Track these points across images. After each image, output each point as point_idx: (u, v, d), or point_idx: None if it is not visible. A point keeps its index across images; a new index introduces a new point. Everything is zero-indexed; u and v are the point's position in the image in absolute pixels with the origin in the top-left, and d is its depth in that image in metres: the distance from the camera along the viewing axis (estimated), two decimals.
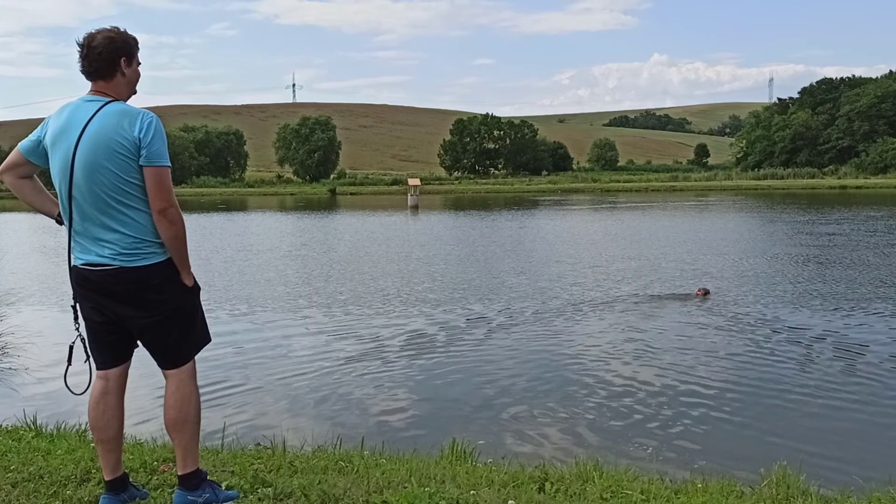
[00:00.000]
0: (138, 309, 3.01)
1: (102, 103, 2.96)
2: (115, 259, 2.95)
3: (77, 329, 3.11)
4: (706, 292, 12.52)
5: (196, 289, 3.17)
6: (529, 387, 7.12)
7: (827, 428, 5.94)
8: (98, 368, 3.14)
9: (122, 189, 2.92)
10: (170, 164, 2.99)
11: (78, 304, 3.11)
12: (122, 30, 3.07)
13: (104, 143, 2.89)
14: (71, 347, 3.10)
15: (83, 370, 3.11)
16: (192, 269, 3.16)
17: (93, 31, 3.02)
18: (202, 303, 3.26)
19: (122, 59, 3.02)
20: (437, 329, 9.90)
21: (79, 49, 3.00)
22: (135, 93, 3.15)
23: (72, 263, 3.07)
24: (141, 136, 2.90)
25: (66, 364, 3.12)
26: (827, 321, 9.97)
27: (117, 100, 3.01)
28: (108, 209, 2.93)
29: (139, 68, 3.13)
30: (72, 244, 3.04)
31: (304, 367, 7.97)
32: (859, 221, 27.30)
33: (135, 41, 3.10)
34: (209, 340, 3.27)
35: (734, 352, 8.39)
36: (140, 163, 2.92)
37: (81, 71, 3.02)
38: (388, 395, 6.95)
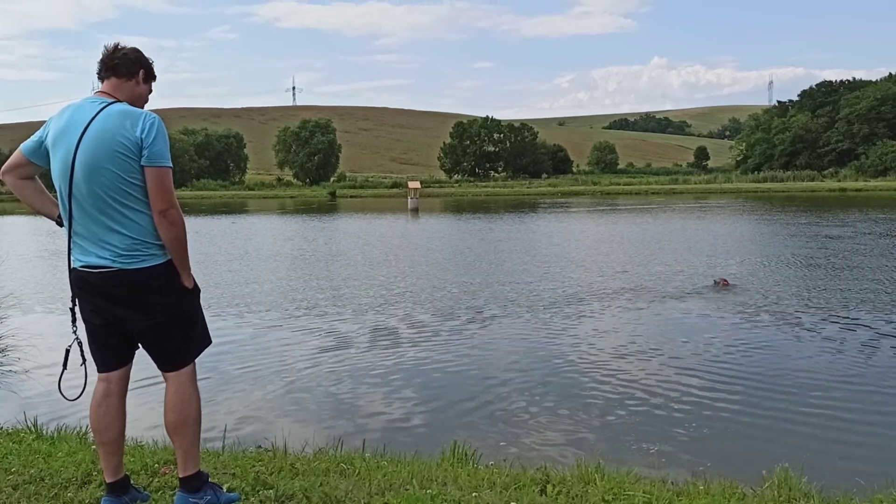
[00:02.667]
0: (138, 311, 3.00)
1: (105, 104, 2.97)
2: (114, 261, 2.94)
3: (74, 332, 3.09)
4: (726, 282, 12.99)
5: (196, 291, 3.16)
6: (532, 388, 7.11)
7: (829, 429, 5.93)
8: (99, 371, 3.13)
9: (123, 190, 2.92)
10: (171, 165, 3.00)
11: (77, 307, 3.10)
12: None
13: (106, 143, 2.89)
14: (67, 351, 3.10)
15: (80, 375, 3.10)
16: (194, 271, 3.15)
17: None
18: (202, 305, 3.26)
19: (142, 71, 3.12)
20: (439, 331, 9.89)
21: (104, 50, 3.07)
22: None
23: (71, 265, 3.06)
24: (143, 136, 2.90)
25: (62, 368, 3.11)
26: (831, 323, 9.96)
27: (119, 101, 3.02)
28: (109, 210, 2.92)
29: (150, 96, 3.21)
30: (71, 246, 3.03)
31: (305, 370, 7.97)
32: (870, 224, 27.22)
33: (153, 66, 3.20)
34: (210, 342, 3.27)
35: (736, 352, 8.37)
36: (141, 163, 2.92)
37: (99, 71, 3.07)
38: (389, 398, 6.94)
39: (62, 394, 3.10)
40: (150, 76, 3.18)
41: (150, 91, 3.21)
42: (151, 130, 2.92)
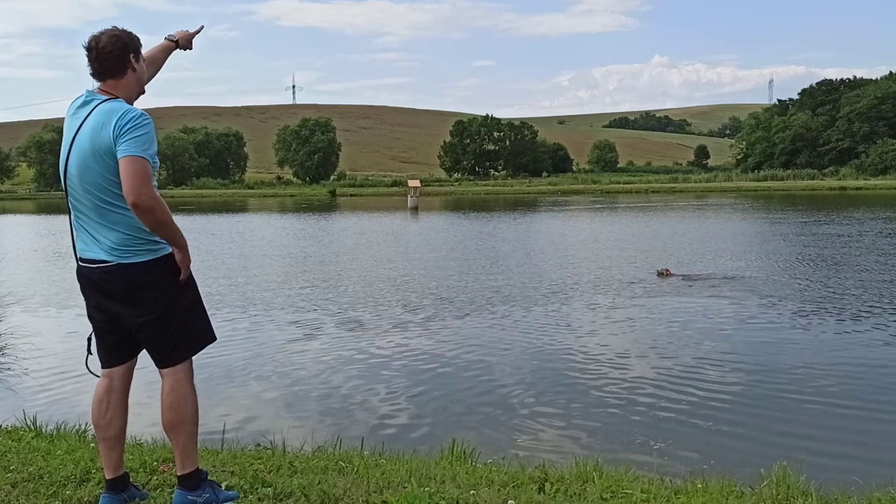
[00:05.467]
0: (133, 307, 3.01)
1: (98, 102, 2.96)
2: (111, 255, 2.97)
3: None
4: (668, 272, 14.32)
5: (192, 285, 3.16)
6: (530, 387, 7.11)
7: (827, 428, 5.93)
8: (102, 367, 3.15)
9: (109, 189, 2.92)
10: (140, 155, 2.85)
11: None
12: (123, 28, 3.08)
13: (90, 143, 2.91)
14: (89, 339, 3.20)
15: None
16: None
17: (96, 32, 3.04)
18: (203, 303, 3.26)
19: (132, 56, 3.05)
20: (439, 329, 9.89)
21: (86, 52, 3.00)
22: (143, 92, 3.16)
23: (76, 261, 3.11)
24: (116, 133, 2.87)
25: (87, 353, 3.20)
26: (829, 321, 9.96)
27: (115, 98, 2.99)
28: (100, 208, 2.96)
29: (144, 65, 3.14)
30: (74, 241, 3.07)
31: (304, 368, 7.97)
32: (879, 222, 27.12)
33: (138, 39, 3.12)
34: (213, 339, 3.25)
35: (733, 350, 8.37)
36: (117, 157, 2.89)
37: (92, 73, 3.03)
38: (388, 396, 6.95)
39: (91, 371, 3.16)
40: (139, 51, 3.09)
41: (144, 60, 3.14)
42: (125, 126, 2.86)
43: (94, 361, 3.17)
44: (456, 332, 9.71)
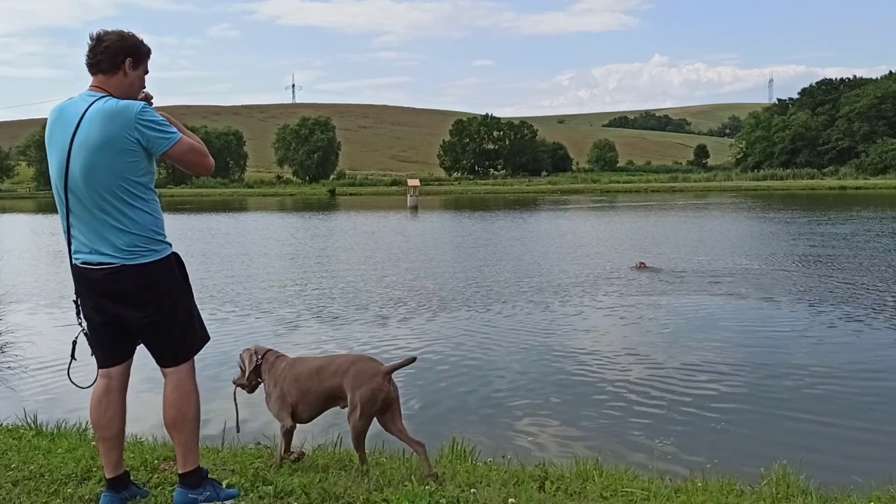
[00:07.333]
0: (138, 308, 3.00)
1: (94, 99, 2.93)
2: (115, 257, 2.94)
3: (80, 324, 3.10)
4: (643, 265, 15.15)
5: (189, 287, 3.17)
6: (530, 386, 7.12)
7: (827, 426, 5.93)
8: (100, 367, 3.14)
9: (124, 188, 2.91)
10: (178, 135, 2.99)
11: (79, 301, 3.11)
12: (137, 35, 3.08)
13: (99, 143, 2.86)
14: (74, 342, 3.11)
15: (87, 364, 3.12)
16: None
17: (108, 29, 3.05)
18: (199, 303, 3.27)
19: (128, 59, 3.02)
20: (436, 328, 9.90)
21: (89, 42, 3.00)
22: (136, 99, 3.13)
23: (72, 262, 3.06)
24: (141, 130, 2.89)
25: (70, 359, 3.13)
26: (829, 320, 9.96)
27: (108, 95, 2.96)
28: (109, 208, 2.91)
29: (146, 78, 3.12)
30: (71, 243, 3.03)
31: None
32: (887, 221, 27.11)
33: (146, 49, 3.10)
34: (208, 339, 3.27)
35: (732, 349, 8.38)
36: (157, 156, 2.99)
37: (86, 63, 3.02)
38: None
39: (72, 381, 3.12)
40: (139, 60, 3.07)
41: (146, 72, 3.11)
42: (145, 126, 2.90)
43: (85, 368, 3.13)
44: (457, 331, 9.71)
